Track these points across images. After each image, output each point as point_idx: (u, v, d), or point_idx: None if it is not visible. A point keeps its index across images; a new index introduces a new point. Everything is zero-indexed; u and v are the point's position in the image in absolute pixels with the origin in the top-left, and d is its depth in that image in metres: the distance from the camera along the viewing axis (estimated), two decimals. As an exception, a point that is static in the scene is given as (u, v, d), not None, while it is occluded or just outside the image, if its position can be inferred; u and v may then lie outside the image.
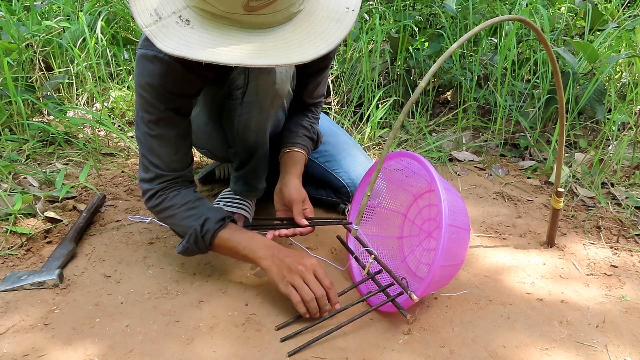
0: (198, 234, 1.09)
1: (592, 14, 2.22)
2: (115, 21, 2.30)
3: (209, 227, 1.09)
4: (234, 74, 1.15)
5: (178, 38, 0.83)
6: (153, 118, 1.09)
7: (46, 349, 0.96)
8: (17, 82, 1.89)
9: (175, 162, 1.13)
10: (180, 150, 1.13)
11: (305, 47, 0.86)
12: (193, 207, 1.12)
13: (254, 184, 1.36)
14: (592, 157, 1.87)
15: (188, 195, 1.14)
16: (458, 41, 0.90)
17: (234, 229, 1.11)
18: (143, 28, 0.83)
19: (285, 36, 0.86)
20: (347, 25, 0.88)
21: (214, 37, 0.83)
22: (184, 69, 1.06)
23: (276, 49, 0.84)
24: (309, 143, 1.33)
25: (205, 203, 1.15)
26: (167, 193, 1.13)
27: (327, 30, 0.88)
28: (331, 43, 0.86)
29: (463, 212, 1.07)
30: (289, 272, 1.04)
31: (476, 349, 1.02)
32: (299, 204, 1.18)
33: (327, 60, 1.29)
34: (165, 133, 1.10)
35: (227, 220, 1.12)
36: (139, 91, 1.07)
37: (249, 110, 1.17)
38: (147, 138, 1.11)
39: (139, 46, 1.07)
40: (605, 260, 1.35)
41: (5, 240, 1.29)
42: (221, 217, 1.11)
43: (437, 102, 2.41)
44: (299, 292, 1.03)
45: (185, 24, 0.84)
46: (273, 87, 1.14)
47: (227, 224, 1.11)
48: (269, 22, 0.84)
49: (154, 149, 1.11)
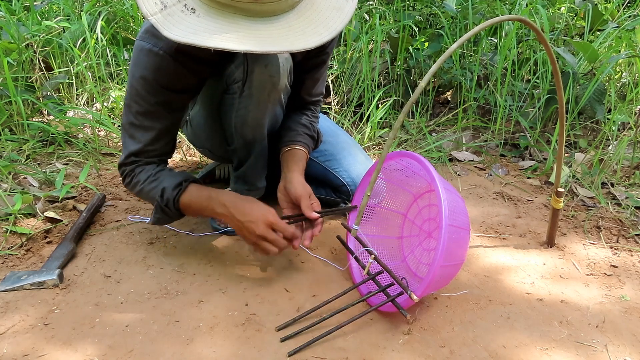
0: (160, 204, 1.13)
1: (592, 14, 2.22)
2: (115, 21, 2.30)
3: (168, 196, 1.12)
4: (230, 68, 1.16)
5: (184, 26, 0.84)
6: (140, 110, 1.12)
7: (46, 349, 0.96)
8: (17, 82, 1.89)
9: (151, 150, 1.17)
10: (159, 141, 1.17)
11: (309, 34, 0.89)
12: (154, 179, 1.16)
13: (254, 182, 1.36)
14: (592, 157, 1.87)
15: (150, 169, 1.18)
16: (458, 41, 0.90)
17: (193, 191, 1.14)
18: (148, 16, 0.85)
19: (289, 24, 0.88)
20: (348, 13, 0.92)
21: (221, 25, 0.85)
22: (178, 64, 1.08)
23: (281, 36, 0.87)
24: (310, 141, 1.33)
25: (165, 172, 1.18)
26: (134, 171, 1.18)
27: (329, 18, 0.91)
28: (333, 30, 0.90)
29: (463, 212, 1.07)
30: (251, 235, 1.09)
31: (476, 349, 1.02)
32: (306, 199, 1.18)
33: (325, 55, 1.29)
34: (149, 125, 1.14)
35: (185, 184, 1.14)
36: (132, 82, 1.10)
37: (246, 105, 1.18)
38: (131, 127, 1.14)
39: (138, 37, 1.09)
40: (605, 260, 1.35)
41: (5, 240, 1.29)
42: (177, 182, 1.14)
43: (437, 102, 2.41)
44: (267, 252, 1.10)
45: (191, 12, 0.86)
46: (270, 80, 1.14)
47: (186, 188, 1.14)
48: (273, 10, 0.87)
49: (134, 136, 1.15)
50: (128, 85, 1.11)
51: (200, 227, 1.40)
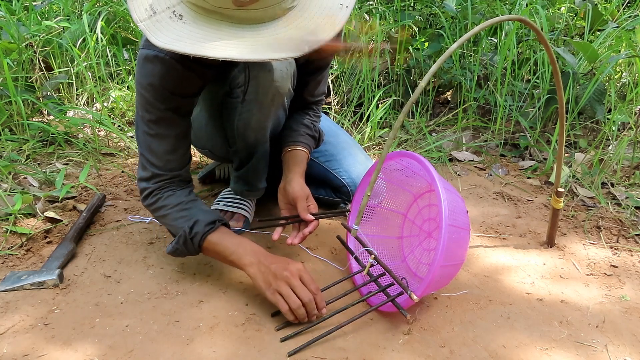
0: (187, 235, 1.09)
1: (592, 14, 2.22)
2: (115, 21, 2.30)
3: (198, 230, 1.09)
4: (234, 72, 1.15)
5: (170, 32, 0.84)
6: (153, 118, 1.10)
7: (46, 349, 0.96)
8: (17, 82, 1.89)
9: (172, 161, 1.14)
10: (177, 150, 1.14)
11: (296, 42, 0.86)
12: (185, 209, 1.13)
13: (255, 184, 1.36)
14: (592, 157, 1.87)
15: (182, 196, 1.15)
16: (458, 41, 0.90)
17: (223, 233, 1.11)
18: (138, 23, 0.85)
19: (276, 32, 0.86)
20: (340, 21, 0.88)
21: (205, 32, 0.84)
22: (184, 68, 1.07)
23: (265, 45, 0.85)
24: (311, 141, 1.33)
25: (198, 205, 1.15)
26: (162, 192, 1.14)
27: (319, 27, 0.88)
28: (322, 39, 0.87)
29: (463, 212, 1.07)
30: (275, 279, 1.03)
31: (476, 349, 1.02)
32: (303, 201, 1.18)
33: (328, 58, 1.29)
34: (164, 132, 1.11)
35: (218, 223, 1.11)
36: (140, 91, 1.08)
37: (249, 109, 1.18)
38: (146, 137, 1.12)
39: (141, 46, 1.08)
40: (605, 260, 1.35)
41: (5, 240, 1.29)
42: (211, 220, 1.11)
43: (437, 102, 2.41)
44: (286, 300, 1.01)
45: (178, 19, 0.85)
46: (273, 84, 1.14)
47: (217, 228, 1.11)
48: (260, 17, 0.85)
49: (152, 148, 1.12)
50: (137, 95, 1.10)
51: (200, 227, 1.40)
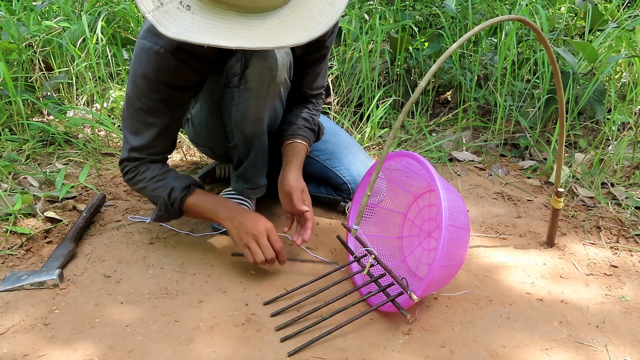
0: (167, 202, 1.19)
1: (592, 14, 2.22)
2: (115, 21, 2.30)
3: (176, 196, 1.18)
4: (231, 62, 1.17)
5: (179, 23, 0.87)
6: (143, 107, 1.14)
7: (46, 349, 0.96)
8: (17, 82, 1.89)
9: (154, 147, 1.20)
10: (161, 138, 1.20)
11: (300, 29, 0.90)
12: (161, 179, 1.21)
13: (255, 180, 1.35)
14: (592, 157, 1.87)
15: (156, 169, 1.22)
16: (458, 41, 0.90)
17: (200, 194, 1.21)
18: (146, 14, 0.87)
19: (281, 19, 0.90)
20: (340, 8, 0.94)
21: (214, 22, 0.87)
22: (180, 61, 1.10)
23: (272, 32, 0.88)
24: (310, 134, 1.34)
25: (172, 174, 1.23)
26: (138, 168, 1.22)
27: (321, 13, 0.93)
28: (325, 25, 0.91)
29: (463, 212, 1.07)
30: (245, 234, 1.14)
31: (476, 349, 1.02)
32: (298, 192, 1.22)
33: (325, 49, 1.31)
34: (152, 121, 1.16)
35: (193, 187, 1.21)
36: (134, 79, 1.12)
37: (246, 98, 1.19)
38: (133, 123, 1.17)
39: (139, 36, 1.11)
40: (605, 260, 1.35)
41: (5, 240, 1.29)
42: (186, 184, 1.20)
43: (437, 102, 2.41)
44: (253, 255, 1.13)
45: (186, 10, 0.88)
46: (269, 73, 1.15)
47: (193, 190, 1.21)
48: (266, 5, 0.89)
49: (137, 132, 1.18)
50: (130, 82, 1.13)
51: (200, 227, 1.40)
